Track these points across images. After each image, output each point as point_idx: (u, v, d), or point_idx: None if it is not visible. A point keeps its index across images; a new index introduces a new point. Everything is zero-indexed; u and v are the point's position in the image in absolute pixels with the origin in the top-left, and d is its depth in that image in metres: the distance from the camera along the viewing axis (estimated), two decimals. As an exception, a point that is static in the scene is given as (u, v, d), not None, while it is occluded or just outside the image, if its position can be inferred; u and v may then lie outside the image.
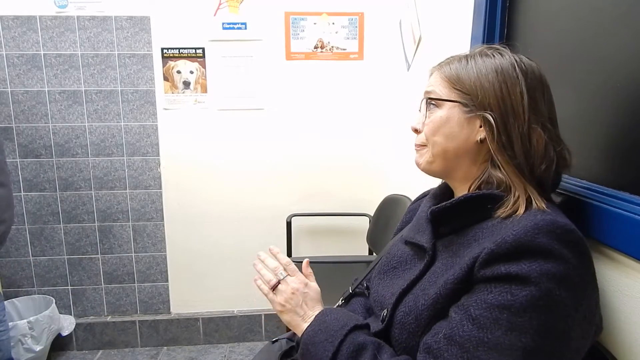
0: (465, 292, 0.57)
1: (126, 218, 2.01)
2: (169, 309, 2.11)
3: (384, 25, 1.95)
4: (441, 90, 0.69)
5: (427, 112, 0.72)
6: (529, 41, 1.00)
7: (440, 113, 0.69)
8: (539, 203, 0.60)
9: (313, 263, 1.60)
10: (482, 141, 0.66)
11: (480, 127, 0.66)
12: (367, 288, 0.85)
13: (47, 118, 1.90)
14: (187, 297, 2.10)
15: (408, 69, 1.77)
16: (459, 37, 1.28)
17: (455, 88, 0.68)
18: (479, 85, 0.65)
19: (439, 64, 0.73)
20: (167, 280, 2.08)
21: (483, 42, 1.12)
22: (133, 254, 2.05)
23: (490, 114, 0.64)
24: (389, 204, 1.82)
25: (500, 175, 0.64)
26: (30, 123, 1.90)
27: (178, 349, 2.07)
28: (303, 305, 0.76)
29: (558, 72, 0.84)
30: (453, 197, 0.72)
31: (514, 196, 0.61)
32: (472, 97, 0.66)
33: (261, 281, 0.80)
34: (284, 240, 1.96)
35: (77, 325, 2.02)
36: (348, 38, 1.96)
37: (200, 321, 2.10)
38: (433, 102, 0.70)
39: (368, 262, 1.72)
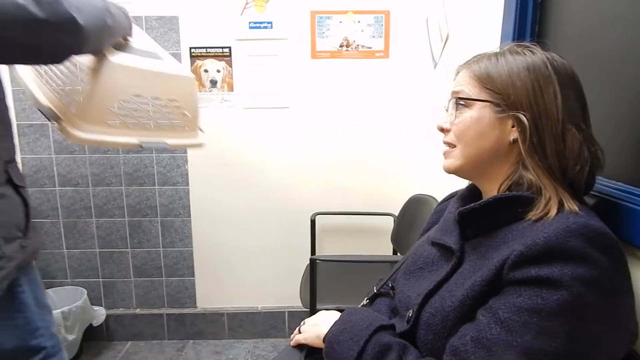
0: (493, 295, 0.57)
1: (155, 214, 2.07)
2: (195, 304, 2.15)
3: (410, 23, 1.93)
4: (471, 89, 0.68)
5: (456, 112, 0.70)
6: (560, 38, 0.97)
7: (470, 113, 0.67)
8: (571, 205, 0.58)
9: (337, 262, 1.62)
10: (514, 142, 0.64)
11: (513, 127, 0.64)
12: (392, 288, 0.85)
13: (80, 116, 1.96)
14: (212, 292, 2.14)
15: (435, 67, 1.75)
16: (488, 34, 1.26)
17: (485, 87, 0.66)
18: (510, 84, 0.64)
19: (466, 63, 0.71)
20: (193, 275, 2.12)
21: (513, 40, 1.10)
22: (161, 249, 2.10)
23: (523, 114, 0.62)
24: (414, 204, 1.80)
25: (530, 176, 0.62)
26: (65, 121, 1.97)
27: (203, 343, 2.12)
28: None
29: (590, 70, 0.82)
30: (481, 198, 0.71)
31: (545, 198, 0.60)
32: (503, 97, 0.64)
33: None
34: (308, 238, 1.97)
35: (108, 316, 2.09)
36: (374, 36, 1.95)
37: (225, 316, 2.13)
38: (462, 102, 0.69)
39: (392, 262, 1.71)
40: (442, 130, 0.73)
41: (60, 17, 0.72)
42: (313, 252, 1.97)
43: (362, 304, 0.91)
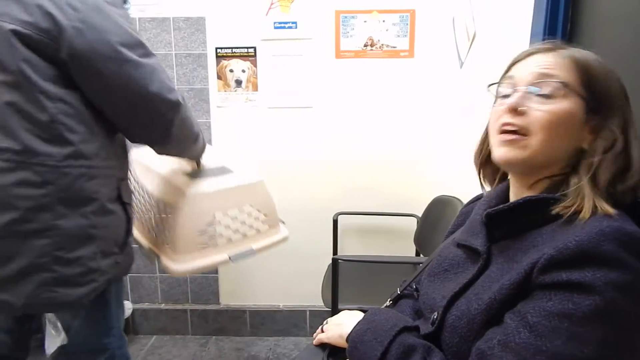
0: (521, 298, 0.56)
1: (180, 211, 2.10)
2: (218, 300, 2.18)
3: (435, 22, 1.90)
4: (570, 79, 0.60)
5: (540, 98, 0.60)
6: (597, 38, 0.94)
7: (563, 105, 0.59)
8: (605, 208, 0.56)
9: (359, 262, 1.61)
10: (584, 150, 0.60)
11: (591, 134, 0.60)
12: (416, 290, 0.84)
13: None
14: (235, 289, 2.17)
15: (461, 67, 1.72)
16: (517, 33, 1.23)
17: (584, 81, 0.59)
18: (606, 87, 0.59)
19: (555, 44, 0.64)
20: (216, 272, 2.16)
21: (544, 38, 1.07)
22: (185, 246, 2.13)
23: (613, 126, 0.58)
24: (438, 205, 1.78)
25: (576, 180, 0.59)
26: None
27: (226, 339, 2.15)
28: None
29: (627, 71, 0.79)
30: (508, 200, 0.70)
31: (579, 197, 0.58)
32: (601, 100, 0.59)
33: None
34: (330, 237, 1.97)
35: (134, 310, 2.14)
36: (398, 36, 1.94)
37: (247, 313, 2.16)
38: (556, 90, 0.59)
39: (415, 264, 1.70)
40: (514, 110, 0.61)
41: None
42: (335, 251, 1.97)
43: (385, 305, 0.90)
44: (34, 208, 0.87)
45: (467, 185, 1.55)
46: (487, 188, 0.78)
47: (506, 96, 0.64)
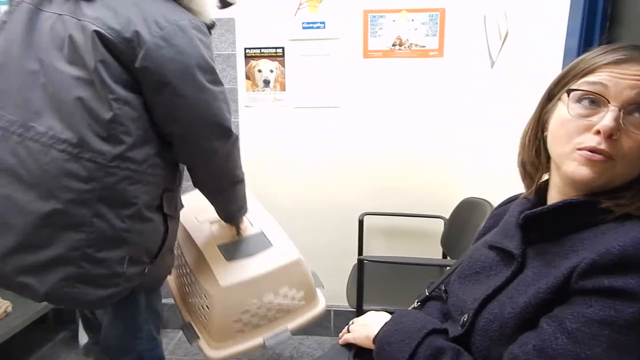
0: (558, 303, 0.54)
1: (207, 209, 2.14)
2: (243, 297, 2.20)
3: (466, 20, 1.87)
4: None
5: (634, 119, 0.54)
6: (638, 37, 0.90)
7: None
8: None
9: (385, 263, 1.60)
10: None
11: None
12: (445, 292, 0.83)
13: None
14: (260, 287, 2.19)
15: (492, 66, 1.69)
16: (552, 32, 1.20)
17: None
18: None
19: None
20: (242, 270, 2.18)
21: (581, 37, 1.04)
22: (213, 243, 2.17)
23: None
24: (467, 208, 1.75)
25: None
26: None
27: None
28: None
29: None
30: (545, 201, 0.68)
31: (626, 199, 0.56)
32: None
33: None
34: (356, 238, 1.97)
35: (163, 304, 2.18)
36: (428, 35, 1.91)
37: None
38: None
39: (442, 266, 1.67)
40: (609, 137, 0.54)
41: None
42: (360, 252, 1.97)
43: (412, 306, 0.89)
44: (75, 201, 0.90)
45: (497, 187, 1.52)
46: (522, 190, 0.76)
47: (592, 103, 0.57)
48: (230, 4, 1.19)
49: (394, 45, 1.94)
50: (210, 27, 1.07)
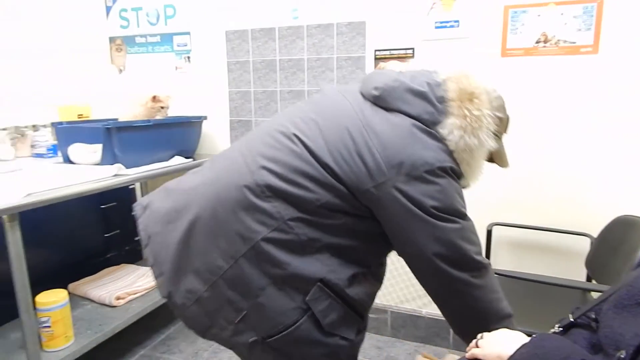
0: None
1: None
2: (360, 297, 2.23)
3: (630, 12, 1.62)
4: None
5: None
6: None
7: None
8: None
9: (517, 279, 1.47)
10: None
11: None
12: (596, 321, 0.73)
13: (277, 114, 2.23)
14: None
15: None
16: None
17: None
18: None
19: None
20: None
21: None
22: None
23: None
24: (621, 227, 1.52)
25: None
26: (265, 117, 2.26)
27: (366, 335, 2.18)
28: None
29: None
30: None
31: None
32: None
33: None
34: (483, 249, 1.85)
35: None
36: (580, 29, 1.71)
37: (389, 314, 2.16)
38: None
39: (586, 290, 1.48)
40: None
41: None
42: (487, 264, 1.84)
43: (552, 330, 0.81)
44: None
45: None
46: None
47: None
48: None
49: (537, 42, 1.77)
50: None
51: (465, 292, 0.93)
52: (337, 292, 0.90)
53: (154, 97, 2.04)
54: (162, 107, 2.06)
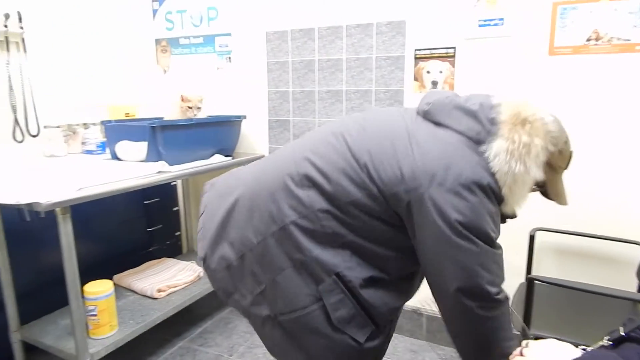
0: None
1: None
2: (395, 299, 2.21)
3: (694, 5, 1.52)
4: None
5: None
6: None
7: None
8: None
9: (561, 287, 1.42)
10: None
11: None
12: (651, 335, 0.69)
13: (314, 113, 2.24)
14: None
15: None
16: None
17: None
18: None
19: None
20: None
21: None
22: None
23: None
24: (677, 234, 1.43)
25: None
26: (302, 117, 2.28)
27: (400, 337, 2.16)
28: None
29: None
30: None
31: None
32: None
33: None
34: (525, 254, 1.78)
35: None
36: (636, 26, 1.61)
37: (424, 317, 2.13)
38: None
39: (636, 301, 1.40)
40: None
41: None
42: (529, 270, 1.78)
43: (601, 343, 0.77)
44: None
45: None
46: None
47: None
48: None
49: (588, 39, 1.69)
50: None
51: (468, 320, 0.92)
52: (351, 290, 0.93)
53: (182, 97, 2.10)
54: (189, 107, 2.10)
